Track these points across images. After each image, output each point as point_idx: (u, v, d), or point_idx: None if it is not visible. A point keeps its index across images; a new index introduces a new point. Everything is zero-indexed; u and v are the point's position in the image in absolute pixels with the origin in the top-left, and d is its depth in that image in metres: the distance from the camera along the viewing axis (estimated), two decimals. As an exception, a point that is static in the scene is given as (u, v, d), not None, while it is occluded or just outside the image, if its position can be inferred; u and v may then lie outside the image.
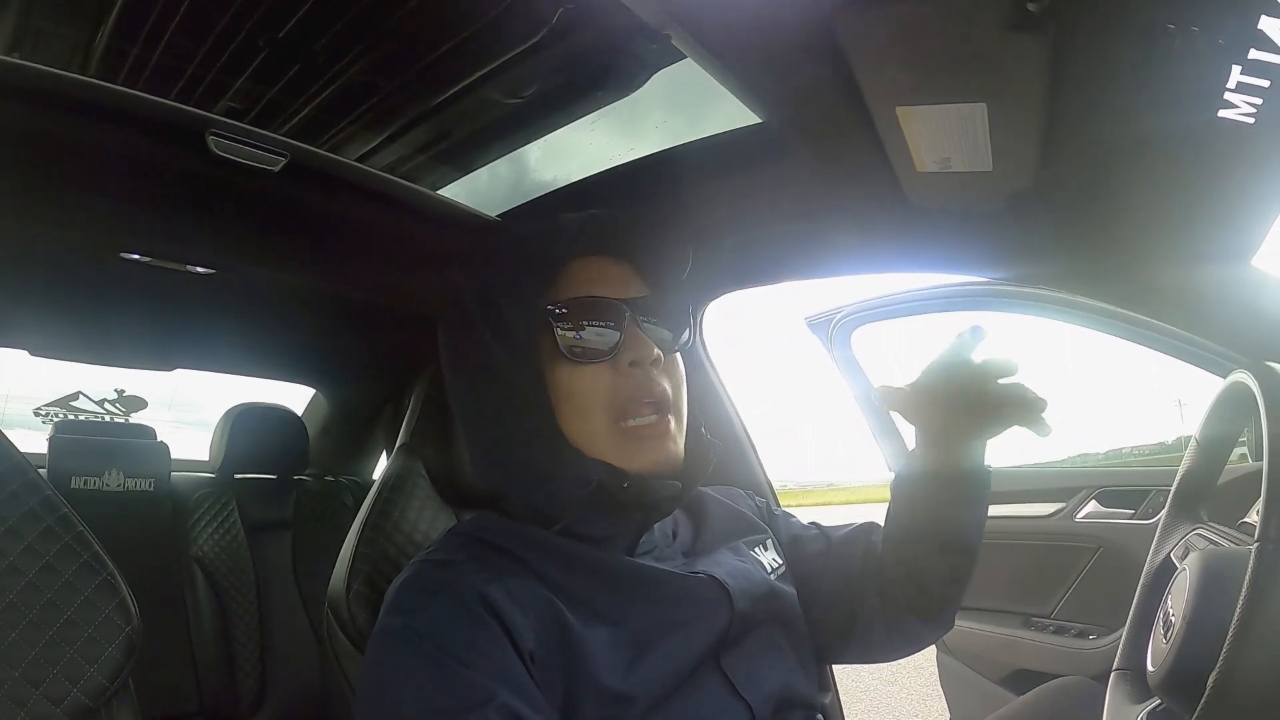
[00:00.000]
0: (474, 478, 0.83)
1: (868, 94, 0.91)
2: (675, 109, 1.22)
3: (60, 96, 0.94)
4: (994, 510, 1.99)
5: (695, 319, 0.85)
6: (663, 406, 0.76)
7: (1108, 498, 1.87)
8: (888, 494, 0.94)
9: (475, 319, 0.77)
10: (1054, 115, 0.92)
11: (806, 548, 0.96)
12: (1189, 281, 1.15)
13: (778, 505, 1.05)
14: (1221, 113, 0.86)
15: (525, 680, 0.65)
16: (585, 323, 0.76)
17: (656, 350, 0.76)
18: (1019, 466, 2.29)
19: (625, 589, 0.75)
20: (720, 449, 0.83)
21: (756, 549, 0.90)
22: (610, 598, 0.74)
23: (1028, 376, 0.79)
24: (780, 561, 0.91)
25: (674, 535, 0.86)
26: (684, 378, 0.81)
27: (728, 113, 1.10)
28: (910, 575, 0.90)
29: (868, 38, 0.82)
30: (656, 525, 0.82)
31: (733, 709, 0.74)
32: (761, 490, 1.41)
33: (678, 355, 0.82)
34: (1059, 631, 1.85)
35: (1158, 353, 1.51)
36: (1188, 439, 1.14)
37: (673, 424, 0.77)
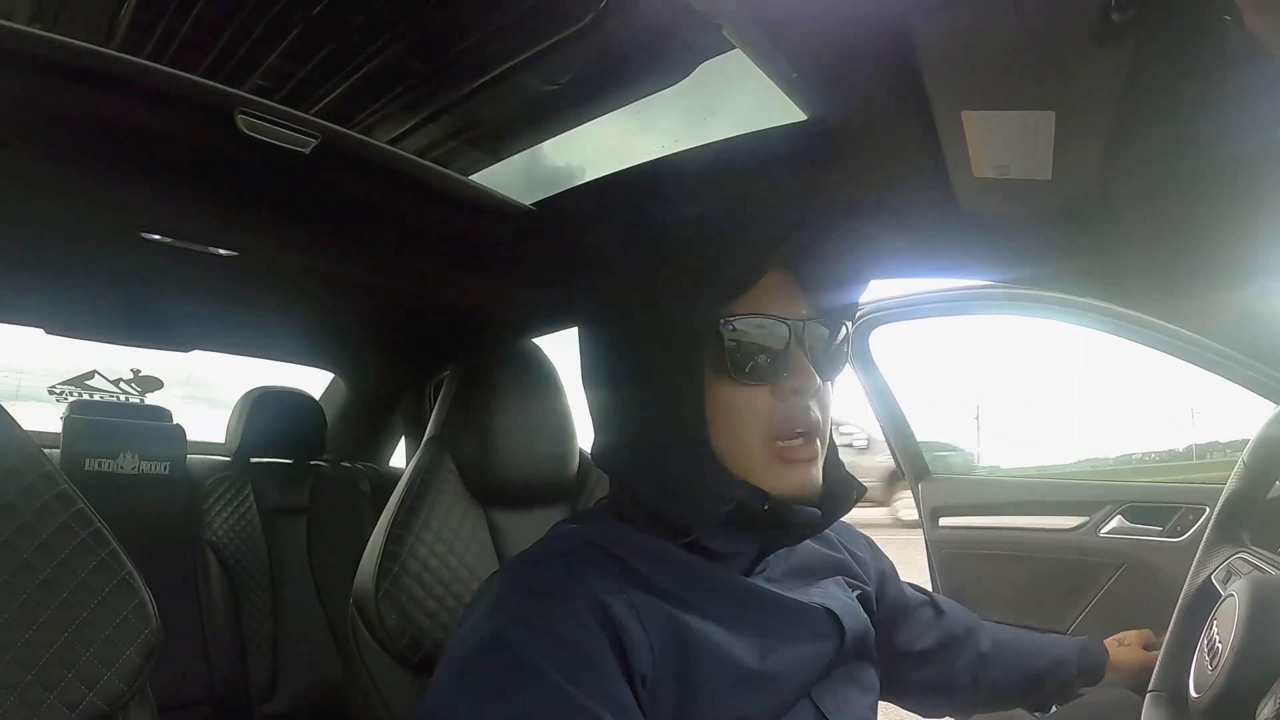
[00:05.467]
0: (607, 473, 0.80)
1: (934, 96, 0.87)
2: (719, 102, 1.18)
3: (83, 70, 0.90)
4: (1015, 521, 1.95)
5: (851, 344, 0.80)
6: (812, 433, 0.72)
7: (1134, 513, 1.80)
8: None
9: (636, 318, 0.72)
10: (1120, 128, 0.89)
11: (911, 614, 1.01)
12: (1237, 301, 1.13)
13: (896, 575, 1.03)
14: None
15: (632, 705, 0.61)
16: (757, 343, 0.70)
17: (818, 380, 0.72)
18: (1033, 471, 2.26)
19: (745, 608, 0.72)
20: (863, 488, 0.79)
21: (856, 593, 0.87)
22: (731, 614, 0.71)
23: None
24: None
25: (788, 554, 0.83)
26: (832, 405, 0.76)
27: (773, 108, 1.06)
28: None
29: (945, 39, 0.78)
30: None
31: None
32: None
33: (831, 382, 0.77)
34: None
35: (1196, 367, 1.48)
36: (1200, 447, 1.13)
37: (819, 449, 0.73)
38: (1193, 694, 0.88)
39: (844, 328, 0.77)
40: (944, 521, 2.08)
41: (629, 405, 0.74)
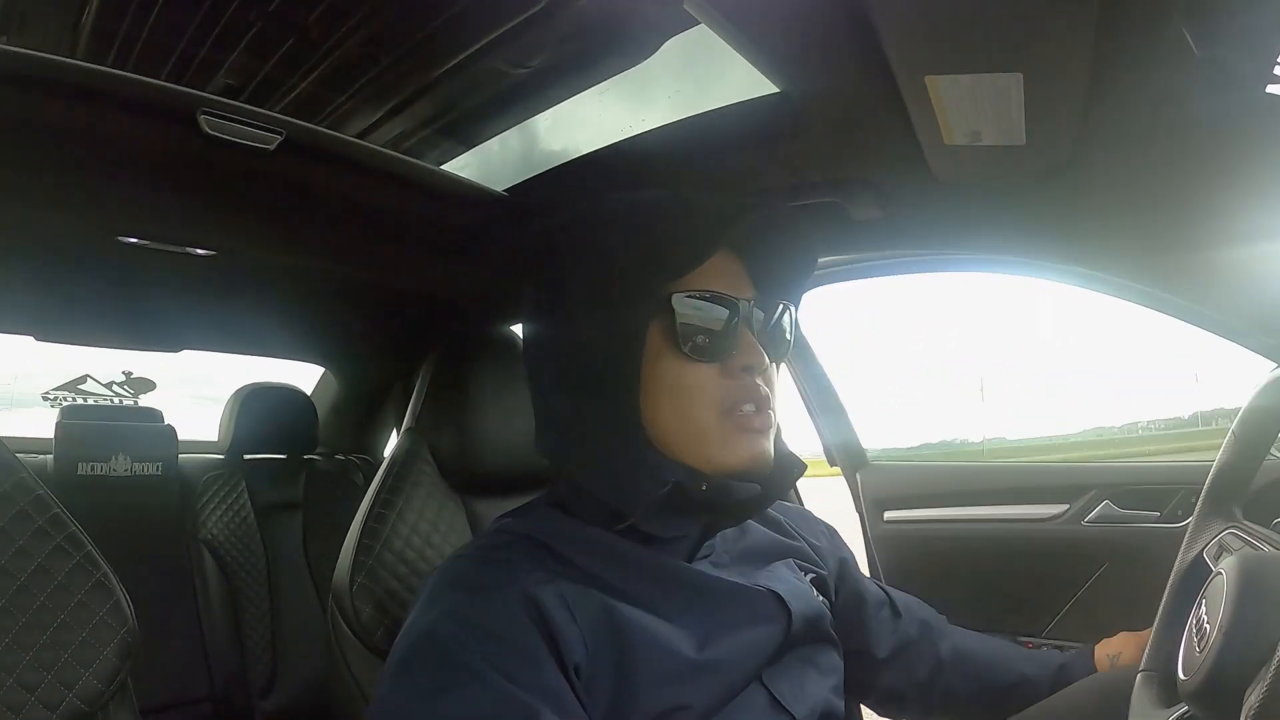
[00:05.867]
0: (546, 462, 0.80)
1: (895, 62, 0.85)
2: (687, 78, 1.16)
3: (49, 80, 0.90)
4: (985, 512, 1.69)
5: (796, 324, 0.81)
6: (764, 405, 0.72)
7: (1125, 497, 1.54)
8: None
9: (575, 295, 0.72)
10: (1094, 89, 0.86)
11: (871, 615, 0.98)
12: (1223, 263, 1.11)
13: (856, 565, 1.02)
14: (1271, 88, 0.82)
15: (569, 697, 0.61)
16: (708, 320, 0.71)
17: (766, 359, 0.72)
18: (1040, 441, 2.07)
19: (685, 594, 0.72)
20: (803, 465, 0.80)
21: (809, 576, 0.87)
22: (670, 601, 0.71)
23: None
24: (824, 600, 0.88)
25: (736, 538, 0.83)
26: (778, 384, 0.77)
27: (743, 81, 1.04)
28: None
29: (900, 1, 0.76)
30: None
31: None
32: None
33: (777, 363, 0.78)
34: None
35: (1191, 327, 1.41)
36: (1205, 414, 1.10)
37: (772, 420, 0.73)
38: (1181, 676, 0.85)
39: (790, 309, 0.78)
40: (890, 515, 1.79)
41: (568, 391, 0.74)
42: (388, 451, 2.39)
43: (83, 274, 1.50)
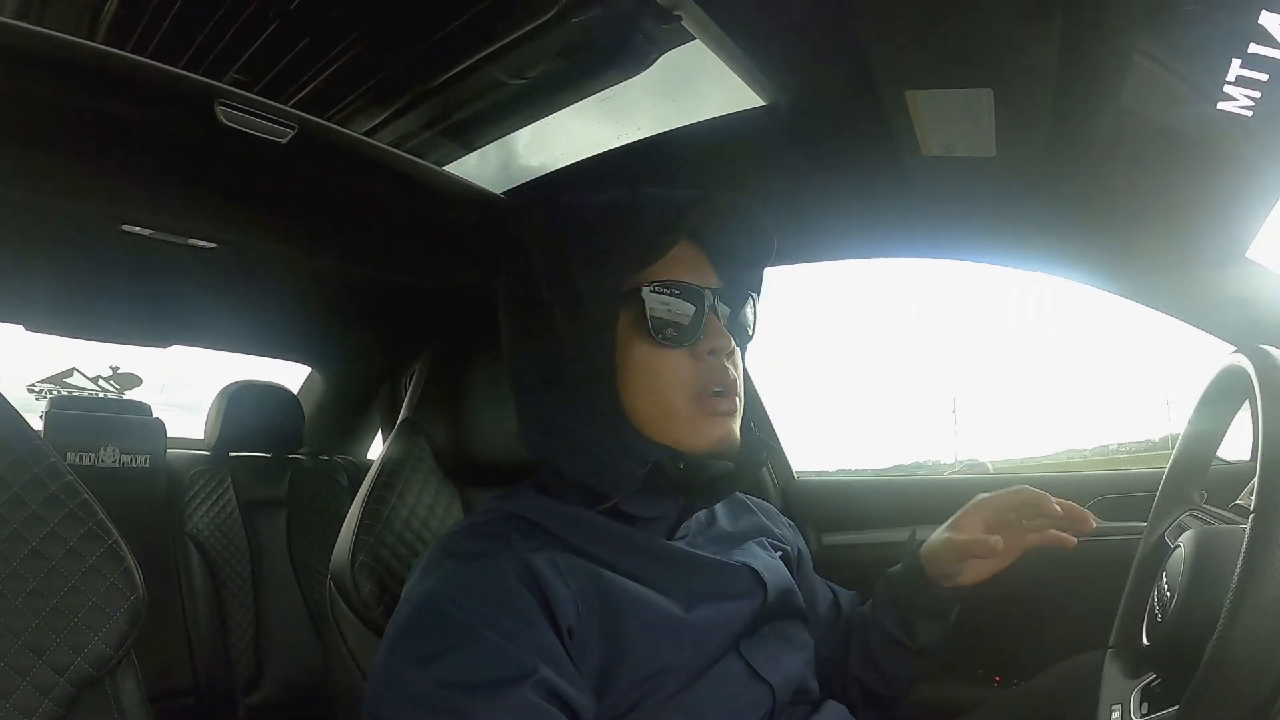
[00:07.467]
0: (527, 450, 0.83)
1: (878, 76, 0.92)
2: (681, 90, 1.22)
3: (67, 63, 0.93)
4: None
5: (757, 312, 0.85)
6: (731, 389, 0.76)
7: (1113, 508, 1.40)
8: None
9: (545, 293, 0.75)
10: (1059, 104, 0.93)
11: (819, 612, 0.97)
12: (1186, 274, 1.16)
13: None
14: (1221, 105, 0.88)
15: (563, 656, 0.64)
16: (676, 308, 0.75)
17: (732, 342, 0.77)
18: (1015, 462, 1.75)
19: (667, 568, 0.76)
20: (772, 449, 0.83)
21: (778, 554, 0.90)
22: (653, 574, 0.74)
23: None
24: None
25: (709, 524, 0.87)
26: (743, 370, 0.81)
27: (732, 94, 1.11)
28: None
29: (884, 20, 0.83)
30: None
31: (755, 692, 0.75)
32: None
33: (742, 348, 0.82)
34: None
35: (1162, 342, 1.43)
36: (1174, 438, 1.13)
37: (738, 405, 0.78)
38: (1145, 643, 0.89)
39: (752, 297, 0.83)
40: (829, 540, 1.61)
41: (549, 385, 0.78)
42: (381, 446, 2.42)
43: (80, 263, 1.50)
